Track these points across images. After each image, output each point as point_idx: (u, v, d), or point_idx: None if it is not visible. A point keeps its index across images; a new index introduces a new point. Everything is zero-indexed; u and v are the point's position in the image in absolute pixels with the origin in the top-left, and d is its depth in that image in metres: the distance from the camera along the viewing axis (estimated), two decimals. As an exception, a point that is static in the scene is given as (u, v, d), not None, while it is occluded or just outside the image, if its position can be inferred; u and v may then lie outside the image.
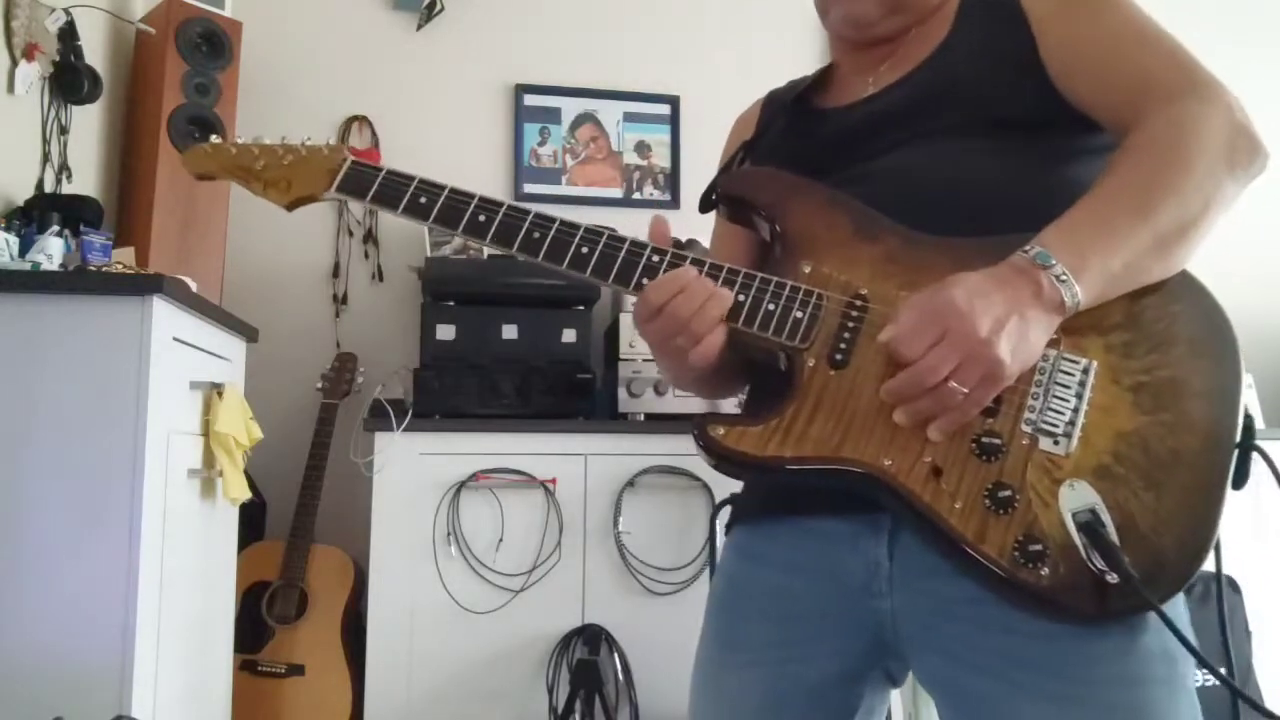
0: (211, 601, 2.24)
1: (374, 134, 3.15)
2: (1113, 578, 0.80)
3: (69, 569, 1.65)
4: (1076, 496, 0.83)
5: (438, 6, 3.21)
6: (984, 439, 0.86)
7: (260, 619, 2.58)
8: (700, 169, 3.33)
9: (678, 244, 0.98)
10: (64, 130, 2.36)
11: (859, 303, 0.92)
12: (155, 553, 1.77)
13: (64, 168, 2.36)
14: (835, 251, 0.95)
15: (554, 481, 2.62)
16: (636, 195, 3.33)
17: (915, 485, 0.86)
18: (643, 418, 2.74)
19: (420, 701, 2.51)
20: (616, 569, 2.63)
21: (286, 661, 2.57)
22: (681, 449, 2.68)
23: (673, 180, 3.35)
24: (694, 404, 2.75)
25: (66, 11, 2.28)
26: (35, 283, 1.76)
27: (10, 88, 2.14)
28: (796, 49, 3.45)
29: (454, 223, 0.98)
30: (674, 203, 3.33)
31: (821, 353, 0.91)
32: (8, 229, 1.96)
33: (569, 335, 2.79)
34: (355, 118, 3.15)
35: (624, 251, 0.96)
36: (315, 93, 3.13)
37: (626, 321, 2.78)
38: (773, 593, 1.01)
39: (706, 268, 0.94)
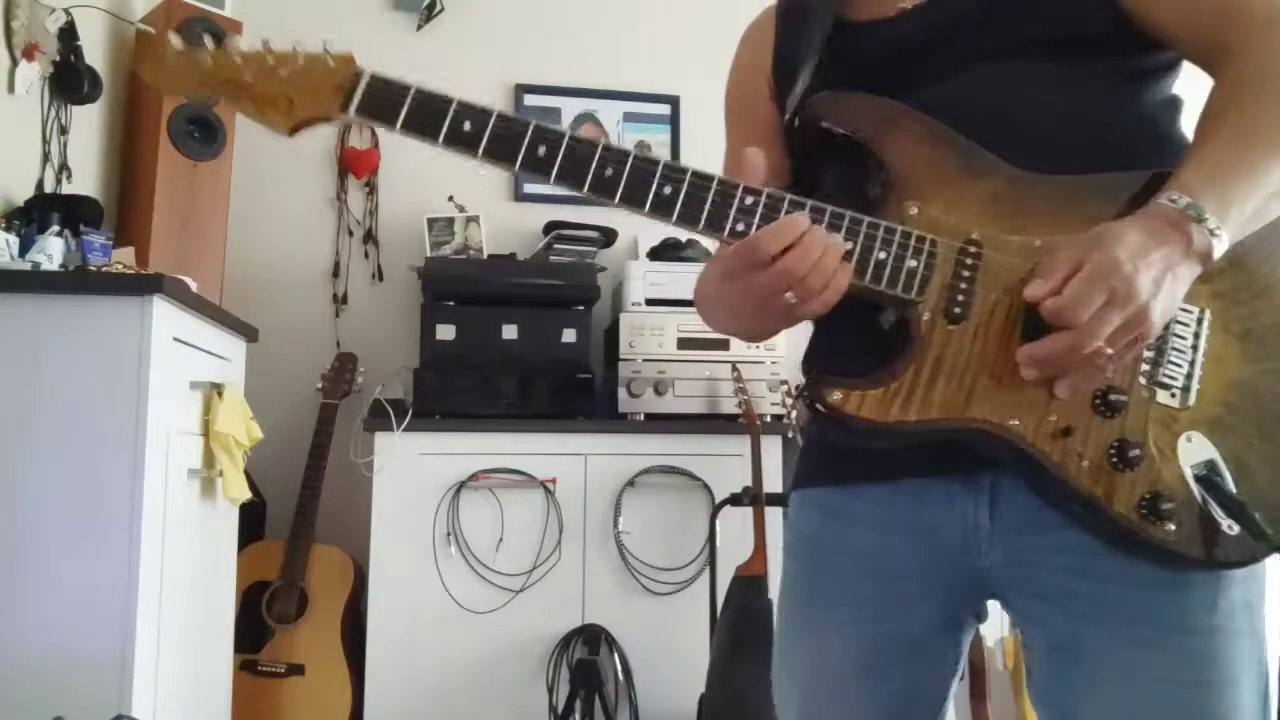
0: (211, 601, 2.24)
1: (374, 134, 3.14)
2: (1232, 529, 0.81)
3: (69, 569, 1.65)
4: (1194, 450, 0.84)
5: (438, 6, 3.21)
6: (1109, 395, 0.84)
7: (260, 619, 2.58)
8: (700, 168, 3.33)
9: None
10: (64, 130, 2.36)
11: (972, 249, 0.87)
12: (155, 552, 1.77)
13: (64, 168, 2.36)
14: (942, 190, 0.89)
15: (554, 481, 2.62)
16: (636, 195, 3.33)
17: (1044, 444, 0.85)
18: (643, 418, 2.74)
19: (420, 701, 2.51)
20: (616, 569, 2.63)
21: (286, 661, 2.57)
22: (681, 449, 2.68)
23: (673, 180, 3.35)
24: (694, 404, 2.76)
25: (66, 11, 2.27)
26: (35, 283, 1.76)
27: (10, 88, 2.14)
28: (796, 49, 3.44)
29: (508, 157, 0.86)
30: (674, 203, 3.33)
31: (938, 306, 0.86)
32: (8, 229, 1.95)
33: (569, 335, 2.78)
34: (355, 118, 3.15)
35: (713, 192, 0.85)
36: (315, 93, 3.12)
37: (626, 321, 2.78)
38: (867, 552, 0.99)
39: (808, 209, 0.85)
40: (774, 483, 2.59)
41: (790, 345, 2.75)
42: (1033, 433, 0.85)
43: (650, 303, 2.79)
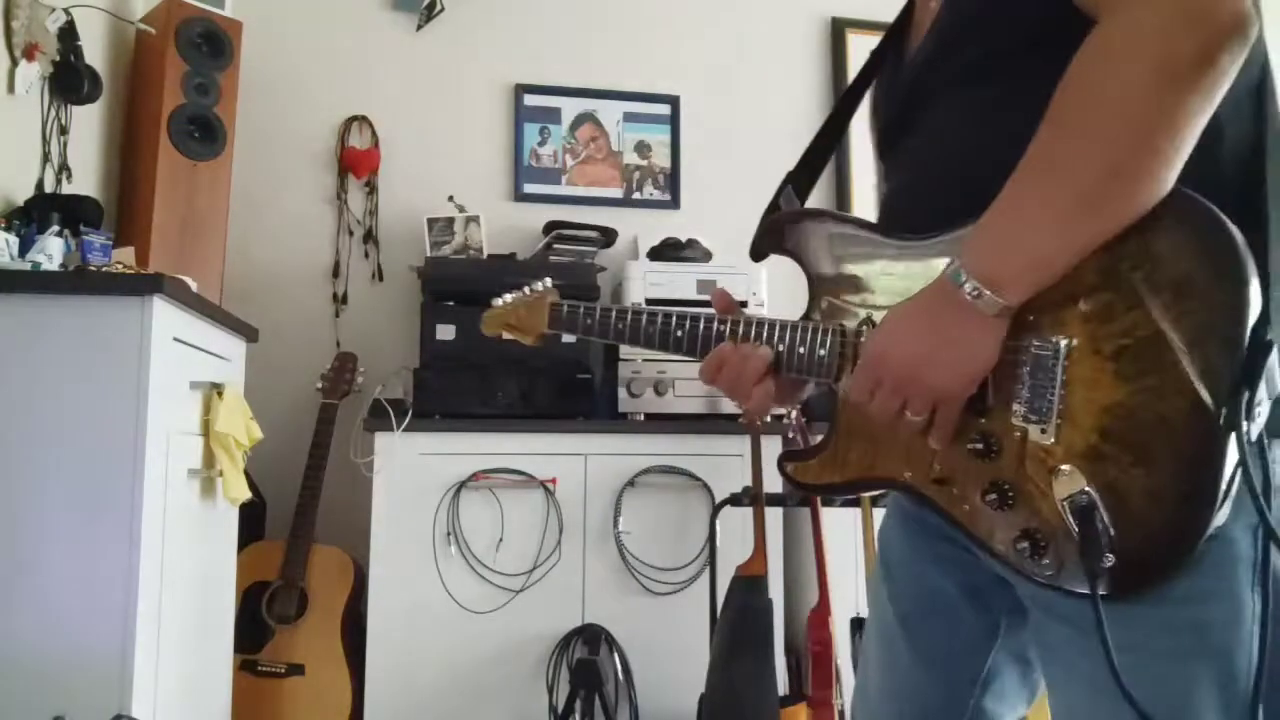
0: (211, 601, 2.24)
1: (374, 134, 3.15)
2: (1109, 561, 0.81)
3: (69, 569, 1.65)
4: (1068, 483, 0.83)
5: (438, 6, 3.21)
6: (976, 442, 0.89)
7: (260, 619, 2.58)
8: (700, 169, 3.34)
9: (730, 308, 1.10)
10: (64, 130, 2.36)
11: (865, 328, 0.98)
12: (155, 552, 1.77)
13: (64, 168, 2.36)
14: (846, 280, 1.02)
15: (554, 481, 2.62)
16: (636, 195, 3.33)
17: (930, 492, 0.94)
18: (643, 417, 2.74)
19: (420, 701, 2.51)
20: (616, 569, 2.63)
21: (286, 661, 2.57)
22: (681, 448, 2.68)
23: (673, 180, 3.35)
24: (694, 404, 2.76)
25: (66, 11, 2.27)
26: (35, 283, 1.76)
27: (10, 88, 2.14)
28: (796, 49, 3.45)
29: (605, 335, 1.18)
30: (674, 203, 3.33)
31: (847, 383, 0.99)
32: (8, 229, 1.95)
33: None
34: (355, 118, 3.15)
35: (700, 327, 1.08)
36: (315, 93, 3.13)
37: (626, 321, 2.78)
38: (913, 515, 1.10)
39: (754, 325, 1.05)
40: (774, 483, 2.59)
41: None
42: (922, 483, 0.95)
43: (650, 303, 2.79)
